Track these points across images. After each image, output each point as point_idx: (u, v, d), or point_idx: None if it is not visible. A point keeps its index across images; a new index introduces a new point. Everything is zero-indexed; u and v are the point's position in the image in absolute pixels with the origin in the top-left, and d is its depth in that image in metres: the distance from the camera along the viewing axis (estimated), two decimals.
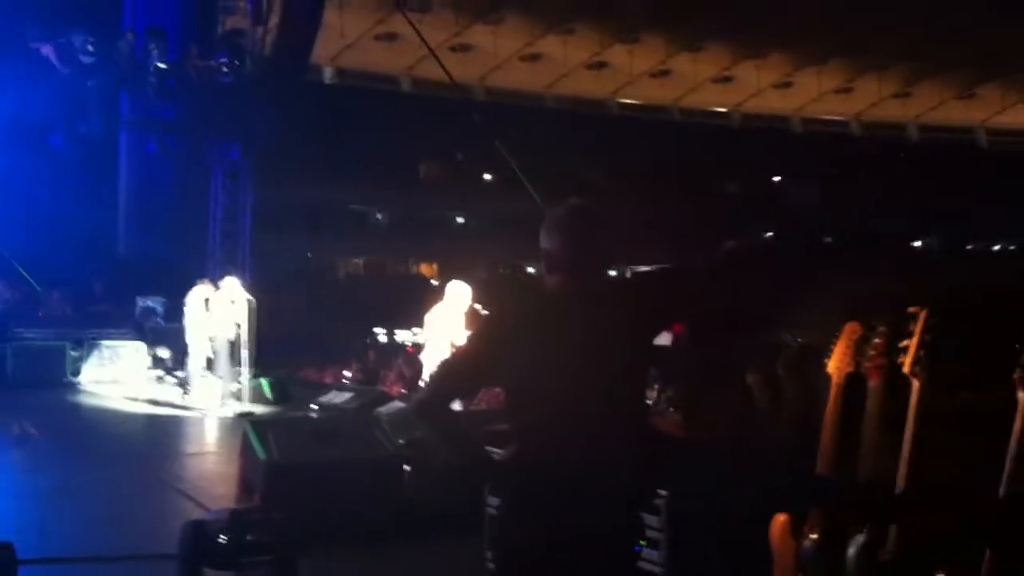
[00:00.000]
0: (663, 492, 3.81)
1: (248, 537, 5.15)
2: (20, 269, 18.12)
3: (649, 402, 4.38)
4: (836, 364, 3.50)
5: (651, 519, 3.73)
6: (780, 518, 3.42)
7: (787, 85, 24.90)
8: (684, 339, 4.21)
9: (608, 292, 3.14)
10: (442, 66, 18.16)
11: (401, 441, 8.14)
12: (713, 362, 4.15)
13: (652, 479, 3.73)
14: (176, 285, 16.07)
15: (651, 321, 3.17)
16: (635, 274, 3.05)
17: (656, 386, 4.61)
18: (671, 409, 4.55)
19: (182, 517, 6.66)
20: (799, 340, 4.06)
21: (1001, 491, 3.04)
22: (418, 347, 12.48)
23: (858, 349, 3.47)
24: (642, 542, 3.40)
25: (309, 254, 29.55)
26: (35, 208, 18.16)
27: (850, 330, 3.52)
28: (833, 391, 3.48)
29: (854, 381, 3.47)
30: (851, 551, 3.18)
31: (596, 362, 2.99)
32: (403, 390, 12.57)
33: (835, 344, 3.52)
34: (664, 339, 4.11)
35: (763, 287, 3.67)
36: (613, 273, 3.32)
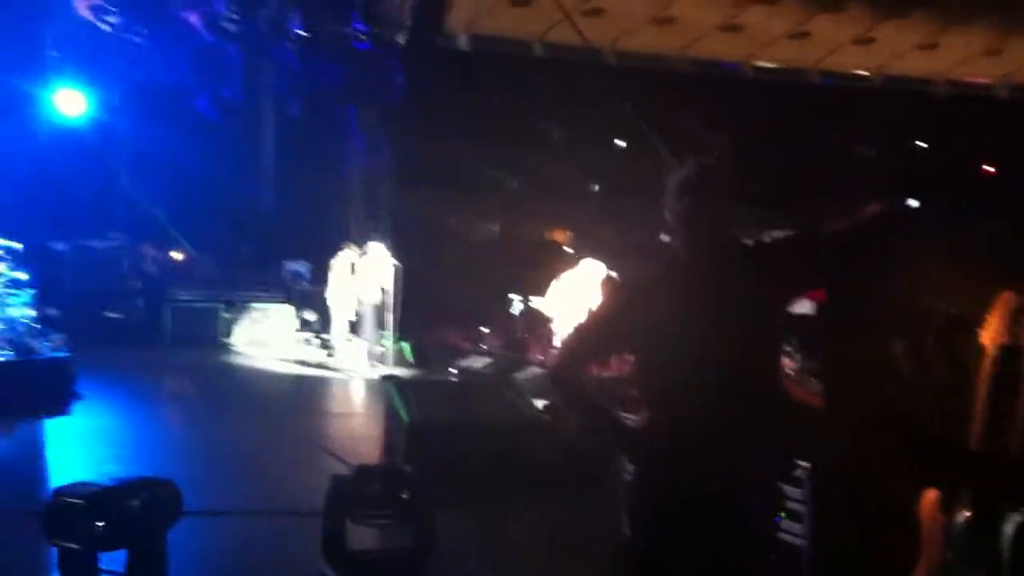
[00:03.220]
0: (805, 464, 3.75)
1: (390, 495, 5.31)
2: (174, 233, 18.95)
3: (790, 371, 4.31)
4: (990, 335, 3.37)
5: (794, 491, 3.68)
6: (930, 494, 3.32)
7: (932, 47, 23.70)
8: (825, 307, 4.11)
9: (739, 255, 3.08)
10: (576, 29, 18.03)
11: (539, 405, 8.26)
12: (853, 331, 4.03)
13: (791, 449, 3.67)
14: (318, 249, 16.54)
15: (785, 286, 3.09)
16: (770, 237, 2.98)
17: (797, 355, 4.53)
18: (812, 379, 4.46)
19: (328, 475, 6.93)
20: (951, 310, 3.91)
21: None
22: (551, 315, 12.54)
23: (1014, 319, 3.33)
24: (782, 513, 3.37)
25: (448, 218, 29.92)
26: (183, 174, 18.87)
27: (1006, 299, 3.37)
28: (987, 363, 3.35)
29: (1009, 353, 3.33)
30: (1006, 530, 3.06)
31: (726, 327, 2.94)
32: (541, 356, 12.68)
33: (990, 314, 3.38)
34: (806, 307, 4.02)
35: (909, 254, 3.54)
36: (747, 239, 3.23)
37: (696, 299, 2.97)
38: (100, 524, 4.81)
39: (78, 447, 8.74)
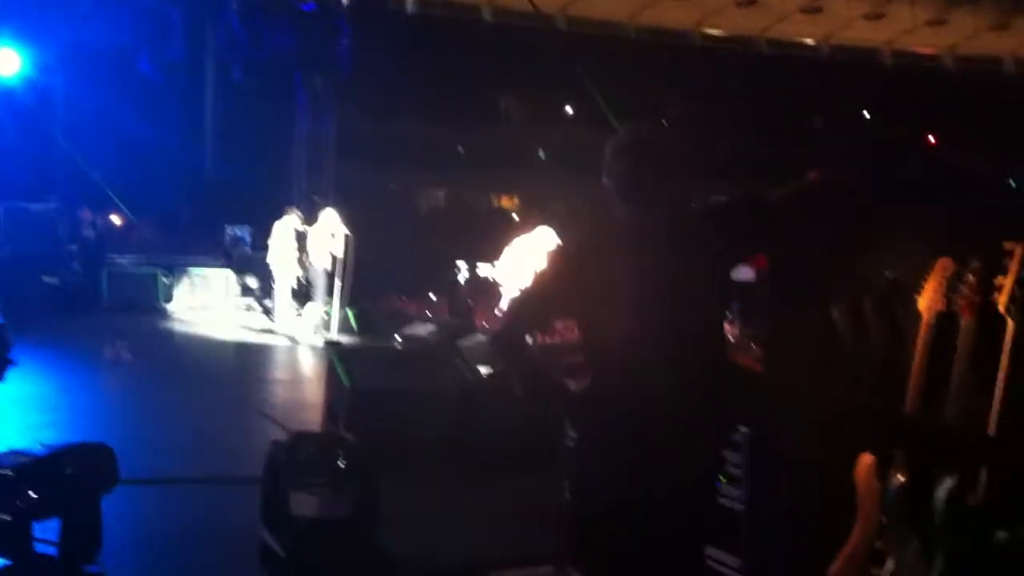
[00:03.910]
0: (744, 428, 3.77)
1: (330, 461, 5.26)
2: (112, 197, 18.56)
3: (731, 338, 4.33)
4: (927, 301, 3.39)
5: (733, 456, 3.71)
6: (865, 459, 3.36)
7: (879, 16, 23.93)
8: (766, 273, 4.12)
9: (681, 221, 3.06)
10: None
11: (482, 371, 8.24)
12: (793, 297, 4.06)
13: (732, 415, 3.68)
14: (262, 214, 16.32)
15: (727, 252, 3.08)
16: (711, 202, 2.96)
17: (738, 321, 4.55)
18: (752, 345, 4.49)
19: (267, 442, 6.86)
20: (888, 276, 3.95)
21: None
22: (498, 281, 12.53)
23: (950, 286, 3.35)
24: (722, 478, 3.40)
25: (392, 185, 29.69)
26: (123, 136, 18.49)
27: (942, 266, 3.40)
28: (923, 329, 3.38)
29: (945, 319, 3.36)
30: (939, 494, 3.10)
31: (669, 293, 2.93)
32: (486, 323, 12.66)
33: (926, 280, 3.41)
34: (746, 273, 4.03)
35: (850, 219, 3.55)
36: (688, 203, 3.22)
37: (638, 265, 2.95)
38: (33, 495, 4.71)
39: (12, 414, 8.55)
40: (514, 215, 30.16)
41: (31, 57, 13.90)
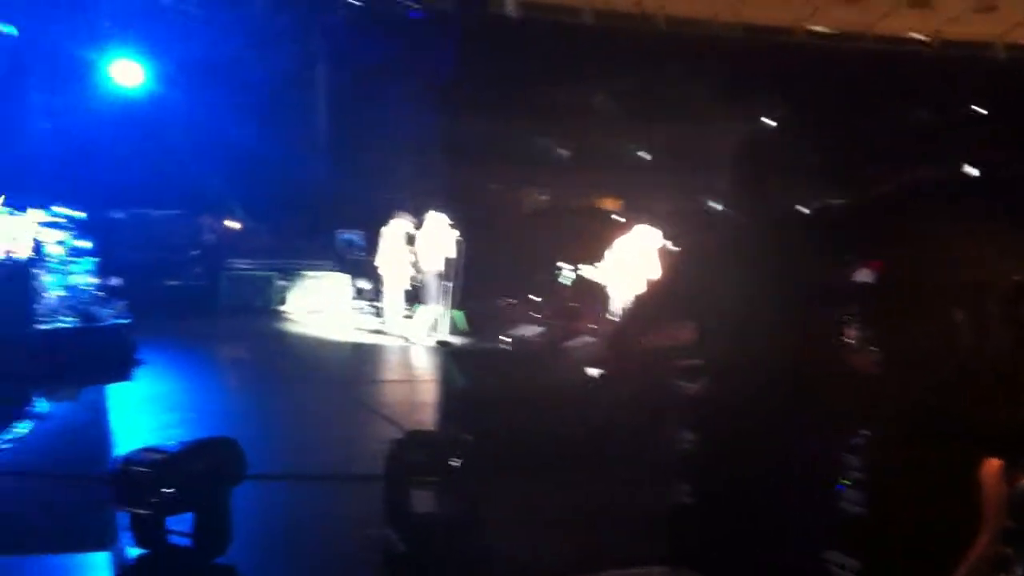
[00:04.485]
0: (865, 432, 3.74)
1: (448, 461, 5.38)
2: (230, 203, 19.20)
3: (849, 340, 4.29)
4: None
5: (853, 459, 3.68)
6: (991, 462, 3.30)
7: (990, 10, 23.10)
8: (886, 275, 4.07)
9: (801, 225, 3.09)
10: None
11: (590, 373, 8.29)
12: (917, 299, 4.00)
13: (852, 418, 3.67)
14: (372, 218, 16.66)
15: (843, 255, 3.09)
16: (832, 206, 2.96)
17: (855, 324, 4.49)
18: (871, 348, 4.43)
19: (383, 440, 7.03)
20: (1013, 277, 3.85)
21: None
22: (603, 283, 12.53)
23: None
24: (844, 481, 3.38)
25: (494, 187, 29.93)
26: (238, 144, 19.07)
27: None
28: None
29: None
30: None
31: (789, 297, 2.95)
32: (592, 325, 12.70)
33: None
34: (864, 275, 4.00)
35: (971, 220, 3.51)
36: (806, 208, 3.24)
37: (758, 267, 2.98)
38: (168, 490, 4.92)
39: (141, 412, 8.93)
40: (617, 216, 30.06)
41: (152, 69, 14.49)
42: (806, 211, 3.05)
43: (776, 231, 3.00)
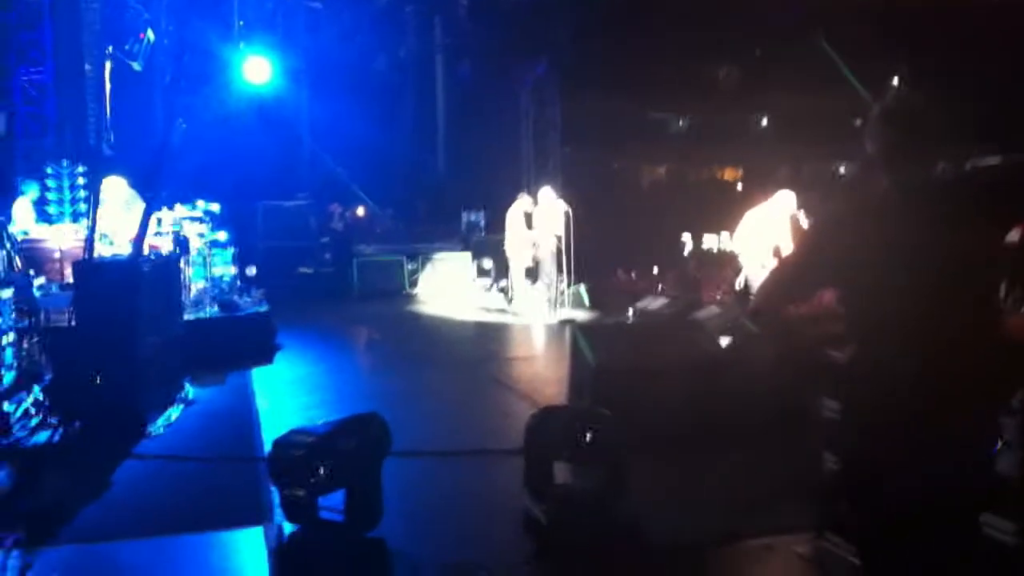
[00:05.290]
0: (1020, 394, 3.65)
1: (587, 435, 5.45)
2: (357, 191, 19.71)
3: (1002, 303, 4.17)
4: None
5: (1009, 422, 3.60)
6: None
7: None
8: None
9: (946, 189, 3.02)
10: None
11: (723, 343, 8.22)
12: None
13: (1005, 381, 3.58)
14: (493, 199, 16.85)
15: (997, 218, 3.01)
16: (977, 169, 2.89)
17: (1004, 285, 4.36)
18: (1021, 310, 4.30)
19: (518, 416, 7.15)
20: None
21: None
22: (730, 253, 12.38)
23: None
24: (1000, 444, 3.31)
25: (615, 164, 29.83)
26: (363, 134, 19.51)
27: None
28: None
29: None
30: None
31: (940, 262, 2.89)
32: (719, 296, 12.58)
33: None
34: (1013, 235, 3.89)
35: None
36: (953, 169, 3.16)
37: (907, 233, 2.93)
38: (322, 471, 5.12)
39: (285, 395, 9.26)
40: (738, 186, 29.59)
41: (280, 65, 14.93)
42: (957, 173, 2.99)
43: (930, 196, 2.94)
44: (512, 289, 15.53)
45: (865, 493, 3.19)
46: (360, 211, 20.01)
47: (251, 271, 13.33)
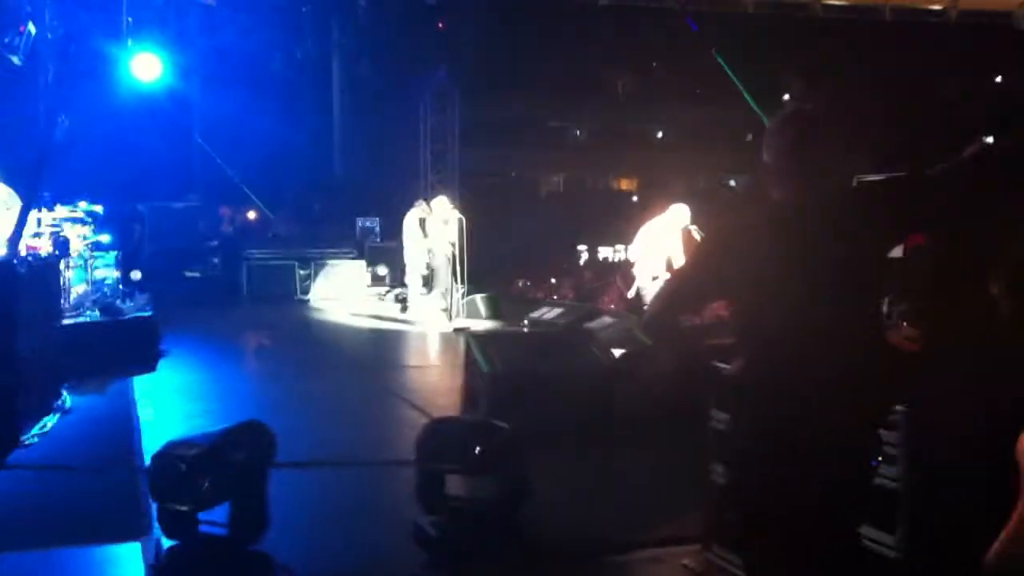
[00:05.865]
0: (900, 407, 3.73)
1: (479, 445, 5.39)
2: (249, 193, 19.30)
3: (888, 316, 4.28)
4: None
5: (889, 435, 3.68)
6: None
7: None
8: (919, 250, 4.05)
9: (836, 203, 3.06)
10: None
11: (616, 354, 8.29)
12: (951, 273, 3.97)
13: (887, 394, 3.65)
14: (390, 204, 16.71)
15: (885, 232, 3.07)
16: (866, 183, 2.96)
17: (888, 299, 4.47)
18: (903, 323, 4.41)
19: (410, 426, 7.06)
20: None
21: None
22: (629, 264, 12.52)
23: None
24: (879, 457, 3.37)
25: (513, 173, 29.96)
26: (257, 135, 19.15)
27: None
28: None
29: None
30: None
31: (824, 275, 2.93)
32: (612, 306, 12.69)
33: None
34: (896, 251, 3.98)
35: (1009, 193, 3.47)
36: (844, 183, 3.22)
37: (798, 244, 2.96)
38: (205, 486, 4.92)
39: (168, 403, 8.99)
40: (634, 197, 30.03)
41: (171, 62, 14.52)
42: (849, 187, 3.03)
43: (822, 207, 2.98)
44: (408, 297, 15.41)
45: (750, 505, 3.21)
46: (251, 214, 19.60)
47: (136, 275, 12.90)
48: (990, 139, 2.97)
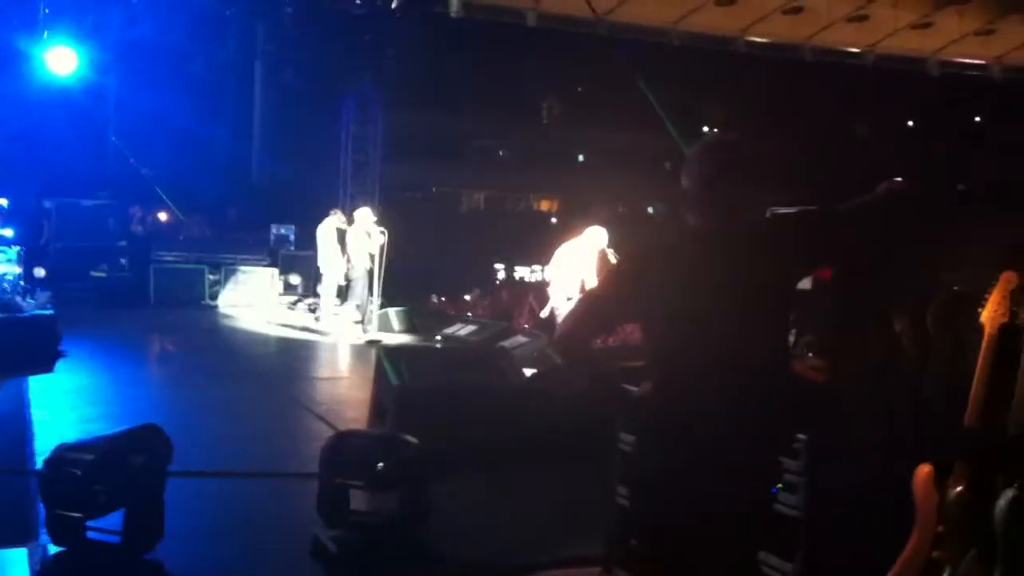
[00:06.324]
0: (802, 436, 3.79)
1: (383, 459, 5.32)
2: (161, 194, 18.85)
3: (792, 346, 4.36)
4: (990, 314, 3.40)
5: (790, 463, 3.73)
6: (924, 468, 3.36)
7: (926, 26, 23.67)
8: (827, 283, 4.14)
9: (750, 233, 3.10)
10: None
11: (527, 373, 8.30)
12: (857, 307, 4.07)
13: (791, 422, 3.71)
14: (306, 213, 16.49)
15: (795, 264, 3.12)
16: (778, 215, 3.02)
17: (794, 330, 4.56)
18: (809, 354, 4.50)
19: (316, 438, 6.94)
20: (953, 288, 3.95)
21: None
22: (545, 283, 12.56)
23: (1014, 299, 3.36)
24: (779, 485, 3.42)
25: (434, 188, 29.88)
26: (174, 135, 18.78)
27: (1006, 279, 3.41)
28: (986, 341, 3.38)
29: (1008, 332, 3.37)
30: (999, 504, 3.11)
31: (735, 303, 2.96)
32: (526, 325, 12.71)
33: (989, 293, 3.42)
34: (805, 283, 4.06)
35: (916, 231, 3.57)
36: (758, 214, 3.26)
37: (705, 274, 2.98)
38: (99, 493, 4.77)
39: (63, 405, 8.71)
40: (553, 218, 30.22)
41: (86, 56, 14.13)
42: (760, 219, 3.07)
43: (737, 235, 3.01)
44: (320, 307, 15.21)
45: (650, 528, 3.22)
46: (163, 216, 19.15)
47: (39, 272, 12.49)
48: (899, 179, 3.04)
